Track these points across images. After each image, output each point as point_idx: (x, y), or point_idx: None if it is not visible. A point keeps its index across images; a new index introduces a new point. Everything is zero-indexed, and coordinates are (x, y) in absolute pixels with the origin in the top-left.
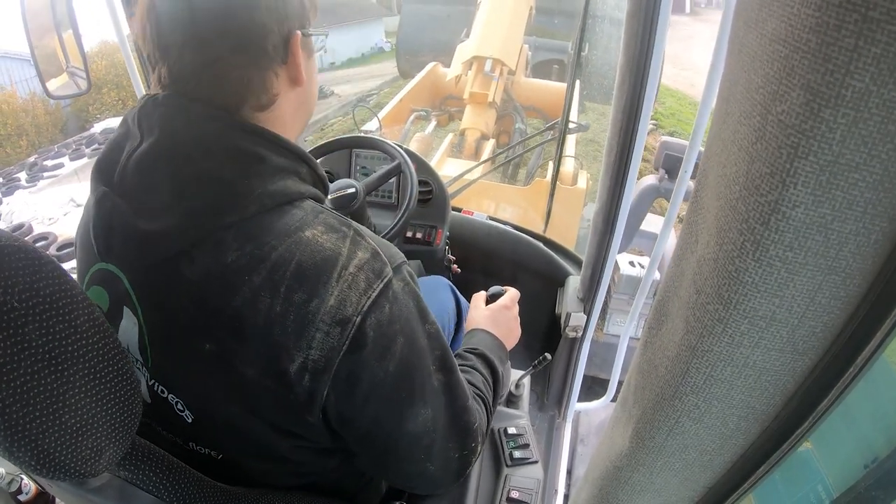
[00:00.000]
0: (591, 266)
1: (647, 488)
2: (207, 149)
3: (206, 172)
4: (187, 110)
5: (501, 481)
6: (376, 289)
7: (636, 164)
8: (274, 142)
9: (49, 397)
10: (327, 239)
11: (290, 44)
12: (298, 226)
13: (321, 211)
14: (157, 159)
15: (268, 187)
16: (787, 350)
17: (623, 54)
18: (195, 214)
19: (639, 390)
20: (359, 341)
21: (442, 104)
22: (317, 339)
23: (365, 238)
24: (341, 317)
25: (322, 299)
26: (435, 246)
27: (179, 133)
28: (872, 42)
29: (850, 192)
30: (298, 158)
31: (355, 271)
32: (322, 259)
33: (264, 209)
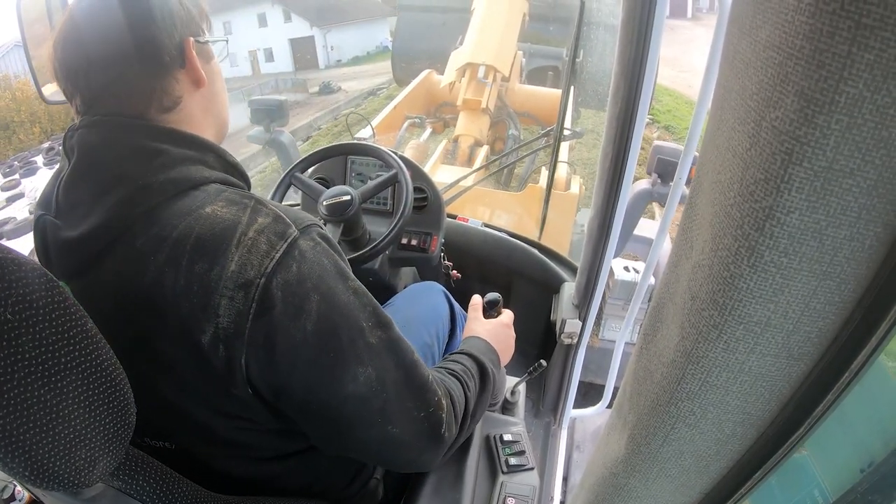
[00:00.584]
0: (587, 272)
1: (643, 494)
2: (117, 154)
3: (118, 173)
4: (99, 125)
5: (497, 488)
6: (279, 249)
7: (631, 170)
8: (174, 136)
9: (43, 409)
10: (227, 211)
11: (184, 50)
12: (199, 205)
13: (224, 190)
14: (78, 175)
15: (170, 174)
16: (783, 355)
17: (617, 62)
18: (110, 212)
19: (634, 396)
20: (266, 303)
21: (437, 111)
22: (222, 305)
23: (266, 206)
24: (243, 280)
25: (223, 266)
26: (430, 253)
27: (95, 147)
28: (866, 48)
29: (844, 198)
30: (203, 148)
31: (255, 235)
32: (221, 229)
33: (167, 195)
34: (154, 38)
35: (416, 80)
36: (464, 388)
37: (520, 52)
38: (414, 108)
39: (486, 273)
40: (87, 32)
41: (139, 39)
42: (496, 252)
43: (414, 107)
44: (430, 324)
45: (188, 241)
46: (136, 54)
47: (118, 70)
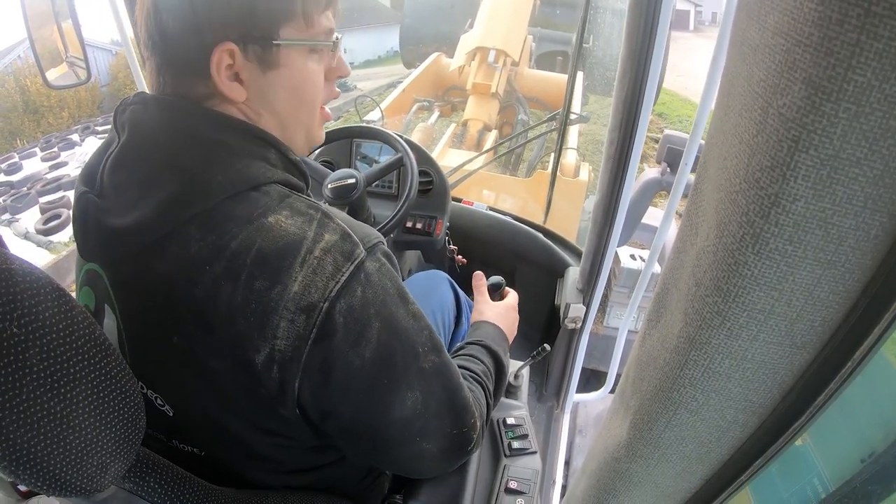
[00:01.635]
0: (591, 257)
1: (644, 480)
2: (171, 139)
3: (171, 163)
4: (154, 104)
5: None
6: (346, 272)
7: (637, 155)
8: (238, 127)
9: (53, 420)
10: (291, 223)
11: (210, 58)
12: (262, 212)
13: (288, 195)
14: (126, 156)
15: (229, 174)
16: (786, 343)
17: (625, 46)
18: (161, 208)
19: (637, 382)
20: (327, 328)
21: (445, 95)
22: (281, 327)
23: (334, 219)
24: (306, 303)
25: (285, 286)
26: (435, 236)
27: (146, 127)
28: (875, 37)
29: (850, 187)
30: (265, 143)
31: (321, 255)
32: (284, 244)
33: (226, 196)
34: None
35: (424, 63)
36: (485, 393)
37: (530, 37)
38: (423, 92)
39: (490, 257)
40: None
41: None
42: (501, 236)
43: (423, 90)
44: (436, 313)
45: (249, 254)
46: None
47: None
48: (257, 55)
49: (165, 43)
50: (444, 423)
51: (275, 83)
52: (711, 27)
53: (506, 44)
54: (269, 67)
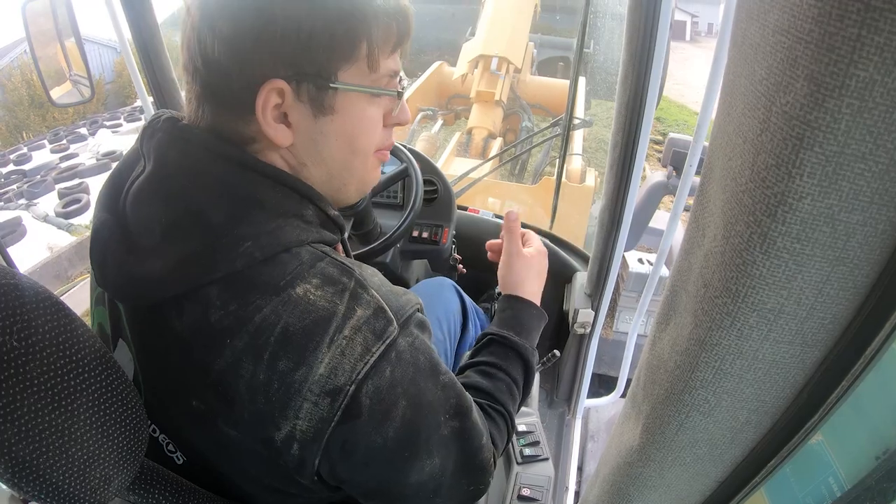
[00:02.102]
0: (598, 262)
1: (658, 483)
2: (200, 185)
3: (196, 213)
4: (184, 139)
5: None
6: (375, 353)
7: (641, 159)
8: (274, 179)
9: (55, 433)
10: (321, 296)
11: (256, 95)
12: (290, 280)
13: (321, 258)
14: (151, 192)
15: (260, 237)
16: (797, 342)
17: (625, 50)
18: (181, 264)
19: (648, 385)
20: (352, 411)
21: (448, 103)
22: (304, 409)
23: (368, 290)
24: (332, 387)
25: (310, 367)
26: (441, 245)
27: (173, 164)
28: (876, 31)
29: (856, 183)
30: (304, 199)
31: (351, 334)
32: (312, 322)
33: (254, 261)
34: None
35: (427, 71)
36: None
37: (531, 44)
38: (426, 101)
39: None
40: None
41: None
42: None
43: (426, 99)
44: (443, 321)
45: (273, 331)
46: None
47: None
48: (310, 97)
49: (209, 71)
50: (461, 483)
51: (327, 130)
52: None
53: (508, 51)
54: (322, 112)
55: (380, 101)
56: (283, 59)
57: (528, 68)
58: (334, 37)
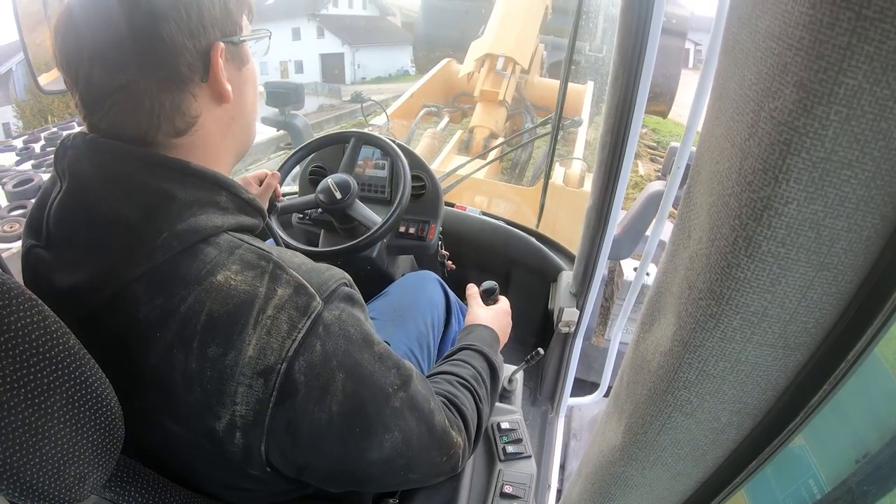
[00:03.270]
0: (584, 261)
1: (639, 483)
2: (113, 190)
3: (114, 217)
4: (92, 149)
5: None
6: (302, 328)
7: (629, 159)
8: (183, 171)
9: (28, 430)
10: (242, 280)
11: (209, 58)
12: (210, 269)
13: (238, 245)
14: (69, 207)
15: (175, 227)
16: (779, 346)
17: (616, 52)
18: (105, 268)
19: (631, 385)
20: (287, 389)
21: (455, 101)
22: (239, 393)
23: (286, 270)
24: (262, 367)
25: (239, 351)
26: (428, 241)
27: (87, 176)
28: (866, 40)
29: (842, 189)
30: (215, 186)
31: (274, 313)
32: (235, 305)
33: (173, 252)
34: (172, 43)
35: (434, 68)
36: (475, 397)
37: (542, 45)
38: (432, 97)
39: (483, 261)
40: (84, 21)
41: (152, 39)
42: (494, 240)
43: (432, 95)
44: (426, 313)
45: (199, 319)
46: (140, 60)
47: (120, 77)
48: (232, 53)
49: (151, 54)
50: (431, 454)
51: (245, 77)
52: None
53: (515, 51)
54: (242, 63)
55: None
56: (216, 23)
57: (536, 69)
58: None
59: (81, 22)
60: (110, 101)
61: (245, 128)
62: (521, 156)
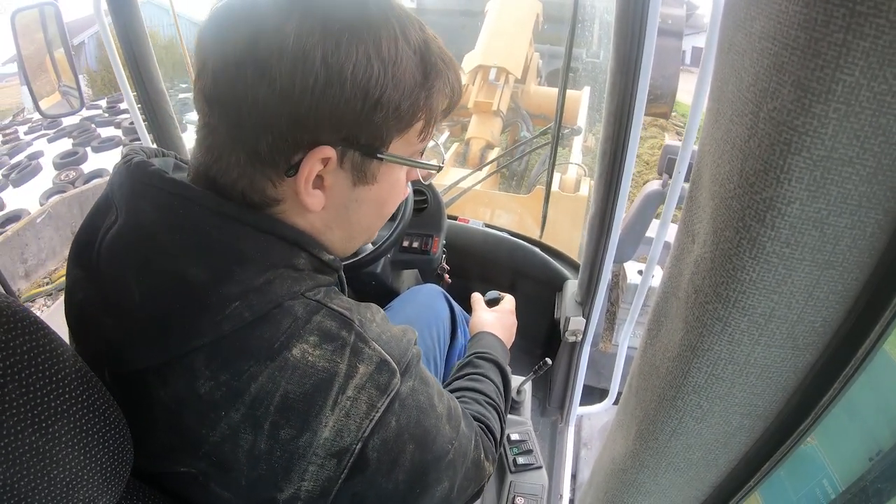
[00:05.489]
0: (589, 269)
1: (652, 489)
2: (175, 239)
3: (175, 272)
4: (154, 185)
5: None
6: (381, 408)
7: (630, 166)
8: (258, 227)
9: (35, 455)
10: (320, 355)
11: (302, 159)
12: (284, 341)
13: (317, 309)
14: (124, 247)
15: (248, 296)
16: (788, 346)
17: (613, 58)
18: (161, 331)
19: (640, 392)
20: (360, 466)
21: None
22: (309, 472)
23: (369, 343)
24: (338, 448)
25: (314, 433)
26: (431, 255)
27: (145, 216)
28: (861, 36)
29: (844, 187)
30: (293, 245)
31: (355, 394)
32: (313, 386)
33: (243, 323)
34: (272, 116)
35: None
36: (500, 416)
37: (537, 54)
38: None
39: (488, 273)
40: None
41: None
42: (498, 252)
43: None
44: (432, 327)
45: (272, 400)
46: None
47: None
48: (354, 165)
49: (246, 118)
50: (467, 490)
51: (362, 198)
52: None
53: (506, 61)
54: (363, 182)
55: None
56: (340, 126)
57: (532, 78)
58: (399, 109)
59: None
60: (201, 136)
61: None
62: (517, 164)
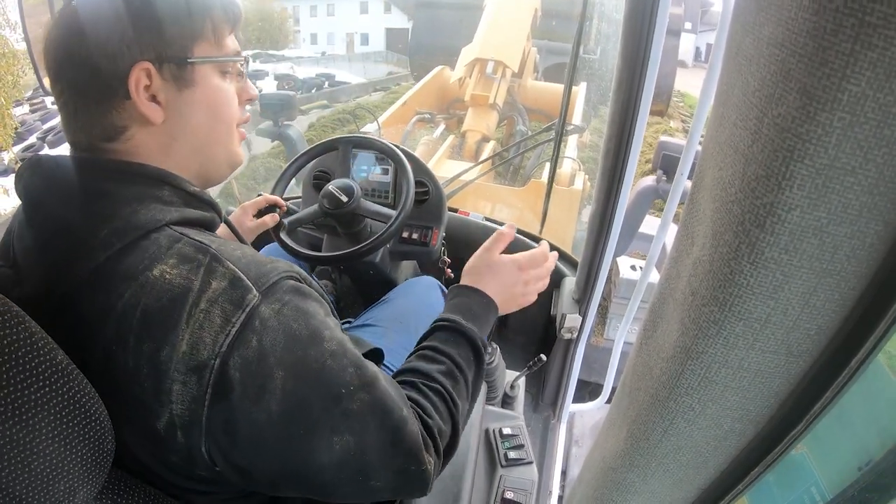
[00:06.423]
0: (587, 267)
1: (641, 489)
2: (58, 197)
3: (59, 224)
4: (42, 166)
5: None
6: (236, 322)
7: (633, 166)
8: (120, 169)
9: (16, 447)
10: (177, 273)
11: (128, 79)
12: (147, 264)
13: (178, 238)
14: (25, 223)
15: (114, 223)
16: (782, 352)
17: (620, 57)
18: (50, 273)
19: (634, 391)
20: (222, 387)
21: (449, 107)
22: (175, 391)
23: (223, 262)
24: (196, 363)
25: (172, 346)
26: (431, 247)
27: (37, 193)
28: (869, 46)
29: (845, 196)
30: (156, 181)
31: (207, 307)
32: (169, 300)
33: (113, 249)
34: (88, 59)
35: (428, 75)
36: (448, 399)
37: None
38: (426, 104)
39: None
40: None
41: (66, 55)
42: None
43: (425, 102)
44: (425, 318)
45: (134, 314)
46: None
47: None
48: (173, 74)
49: (77, 72)
50: (393, 461)
51: (192, 101)
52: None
53: (503, 55)
54: (185, 86)
55: (230, 76)
56: (144, 44)
57: (530, 73)
58: (182, 18)
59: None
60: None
61: (201, 150)
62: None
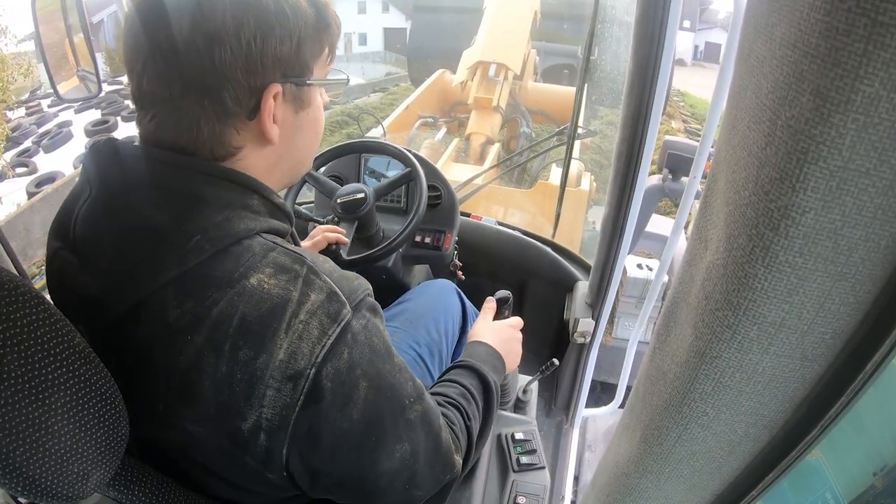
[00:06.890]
0: (600, 271)
1: (654, 495)
2: (142, 195)
3: (143, 222)
4: (123, 155)
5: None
6: (332, 335)
7: (645, 169)
8: (212, 174)
9: (32, 426)
10: (275, 283)
11: (261, 99)
12: (243, 271)
13: (272, 247)
14: (98, 212)
15: (208, 231)
16: (797, 356)
17: (631, 60)
18: (133, 274)
19: (647, 396)
20: (315, 394)
21: (451, 111)
22: (268, 396)
23: (320, 276)
24: (293, 371)
25: (270, 354)
26: (444, 251)
27: (115, 181)
28: (882, 46)
29: (859, 198)
30: (246, 189)
31: (307, 318)
32: (268, 309)
33: (205, 255)
34: (223, 74)
35: (429, 79)
36: (462, 414)
37: (534, 51)
38: (427, 108)
39: (499, 272)
40: (145, 22)
41: (196, 63)
42: (509, 250)
43: (427, 106)
44: (440, 320)
45: (231, 322)
46: (186, 79)
47: (165, 90)
48: (293, 95)
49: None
50: (434, 469)
51: (304, 122)
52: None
53: (505, 57)
54: (301, 107)
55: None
56: (280, 64)
57: (530, 75)
58: (314, 41)
59: (143, 22)
60: (154, 110)
61: (295, 166)
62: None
